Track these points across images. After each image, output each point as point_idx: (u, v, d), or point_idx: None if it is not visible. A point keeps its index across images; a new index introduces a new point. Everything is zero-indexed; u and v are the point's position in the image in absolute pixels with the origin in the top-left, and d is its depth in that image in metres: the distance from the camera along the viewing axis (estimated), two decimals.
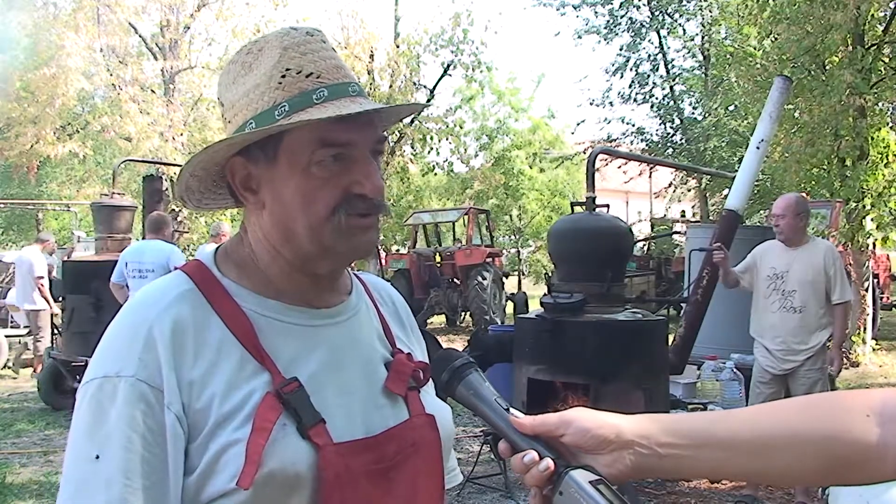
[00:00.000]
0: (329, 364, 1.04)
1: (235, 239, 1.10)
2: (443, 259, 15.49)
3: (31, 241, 14.57)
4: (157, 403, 0.93)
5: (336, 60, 1.03)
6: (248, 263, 1.06)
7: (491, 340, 6.03)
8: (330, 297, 1.10)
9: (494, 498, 5.18)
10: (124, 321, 0.99)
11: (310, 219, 1.00)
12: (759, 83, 10.94)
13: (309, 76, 1.00)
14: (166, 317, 0.97)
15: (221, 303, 1.01)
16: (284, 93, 0.99)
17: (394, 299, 1.25)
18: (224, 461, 0.92)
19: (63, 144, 14.96)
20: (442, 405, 1.16)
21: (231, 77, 1.05)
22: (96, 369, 0.96)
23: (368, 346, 1.11)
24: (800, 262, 4.84)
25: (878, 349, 10.91)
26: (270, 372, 0.98)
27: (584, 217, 5.59)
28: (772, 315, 4.90)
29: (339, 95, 1.00)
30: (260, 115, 1.00)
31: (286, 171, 1.00)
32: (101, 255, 8.32)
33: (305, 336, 1.04)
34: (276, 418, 0.94)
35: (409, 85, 17.15)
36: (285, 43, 1.01)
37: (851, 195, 9.60)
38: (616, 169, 19.16)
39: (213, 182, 1.09)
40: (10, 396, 9.11)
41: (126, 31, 15.15)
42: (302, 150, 0.99)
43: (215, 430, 0.93)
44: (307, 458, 0.94)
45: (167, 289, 1.02)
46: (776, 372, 4.87)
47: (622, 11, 19.09)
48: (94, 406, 0.93)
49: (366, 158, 1.02)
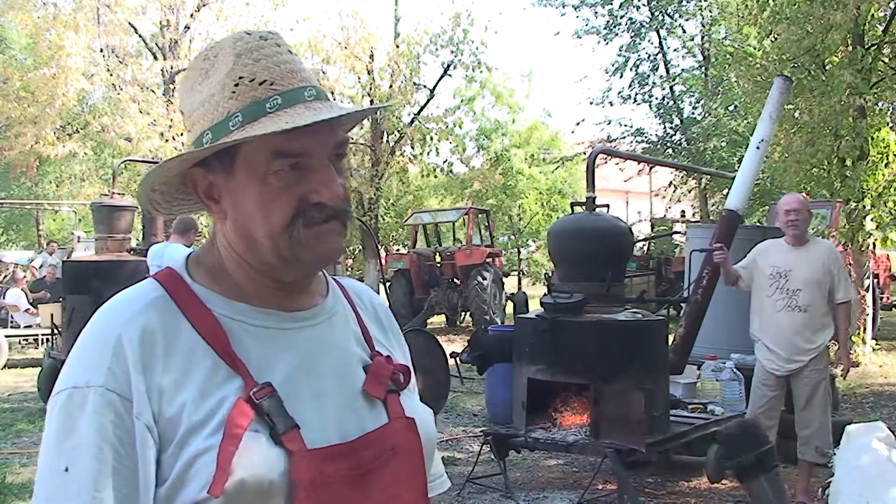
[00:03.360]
0: (303, 368, 1.02)
1: (207, 245, 1.09)
2: (443, 259, 15.48)
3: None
4: (127, 413, 0.91)
5: (291, 64, 1.00)
6: (218, 269, 1.05)
7: (491, 340, 6.02)
8: (302, 301, 1.07)
9: (494, 498, 5.17)
10: (93, 331, 0.98)
11: (268, 229, 0.98)
12: (759, 83, 10.93)
13: (262, 84, 0.98)
14: (135, 325, 0.96)
15: (192, 309, 1.00)
16: (238, 102, 0.97)
17: (373, 303, 1.22)
18: (195, 470, 0.90)
19: (63, 144, 14.95)
20: (423, 408, 1.12)
21: (189, 84, 1.03)
22: (66, 380, 0.95)
23: (344, 349, 1.09)
24: (804, 261, 4.83)
25: (878, 349, 10.91)
26: (243, 377, 0.96)
27: (584, 217, 5.59)
28: (776, 314, 4.88)
29: (294, 102, 0.98)
30: (215, 125, 0.98)
31: (244, 181, 0.99)
32: (101, 255, 8.32)
33: (278, 340, 1.02)
34: (248, 424, 0.92)
35: (409, 85, 17.14)
36: (238, 49, 0.99)
37: (851, 195, 9.60)
38: (616, 169, 19.16)
39: (177, 190, 1.08)
40: (10, 396, 9.11)
41: (126, 31, 15.14)
42: (257, 161, 0.97)
43: (187, 438, 0.92)
44: (279, 466, 0.92)
45: (137, 296, 1.01)
46: (781, 373, 4.86)
47: (622, 11, 19.09)
48: (63, 417, 0.92)
49: (323, 166, 0.99)
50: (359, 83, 17.46)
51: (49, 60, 14.06)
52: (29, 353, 12.65)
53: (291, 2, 20.16)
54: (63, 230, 27.73)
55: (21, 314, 13.31)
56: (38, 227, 26.88)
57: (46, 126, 14.66)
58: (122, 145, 14.84)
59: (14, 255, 20.79)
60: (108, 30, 14.47)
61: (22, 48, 22.79)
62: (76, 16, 14.43)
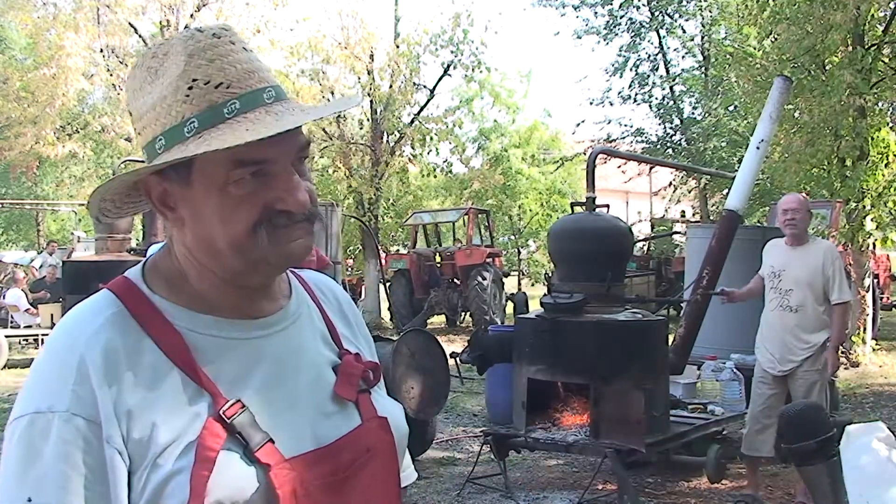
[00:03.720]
0: (272, 378, 0.98)
1: (163, 251, 1.03)
2: (443, 259, 15.48)
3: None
4: (95, 437, 0.87)
5: (248, 64, 0.95)
6: (176, 277, 1.00)
7: (491, 340, 6.02)
8: (266, 306, 1.03)
9: (494, 498, 5.17)
10: (51, 352, 0.93)
11: (231, 238, 0.93)
12: (759, 83, 10.93)
13: (218, 87, 0.92)
14: (96, 344, 0.91)
15: (153, 324, 0.95)
16: (192, 107, 0.92)
17: (337, 296, 1.19)
18: (169, 492, 0.87)
19: (63, 144, 14.95)
20: (394, 405, 1.10)
21: (137, 83, 0.97)
22: (26, 404, 0.90)
23: (313, 352, 1.05)
24: (798, 261, 4.84)
25: (878, 349, 10.91)
26: (211, 394, 0.92)
27: (584, 217, 5.60)
28: (769, 313, 4.91)
29: (253, 106, 0.93)
30: (168, 130, 0.93)
31: (202, 191, 0.93)
32: (101, 255, 8.33)
33: (245, 351, 0.98)
34: (220, 446, 0.89)
35: (409, 85, 17.14)
36: (190, 48, 0.93)
37: (851, 195, 9.59)
38: (616, 169, 19.17)
39: (127, 195, 1.02)
40: (10, 397, 9.10)
41: (126, 31, 15.13)
42: (216, 171, 0.92)
43: (157, 459, 0.88)
44: (256, 483, 0.90)
45: (93, 313, 0.95)
46: (776, 373, 4.86)
47: (622, 12, 19.09)
48: (24, 445, 0.87)
49: (287, 171, 0.95)
50: (359, 83, 17.46)
51: (49, 60, 14.06)
52: (29, 353, 12.65)
53: (291, 2, 20.14)
54: (63, 230, 27.74)
55: (21, 314, 13.30)
56: (38, 227, 26.89)
57: (46, 126, 14.66)
58: (122, 145, 14.85)
59: (14, 255, 20.82)
60: (108, 30, 14.46)
61: (22, 48, 22.81)
62: (76, 16, 14.43)
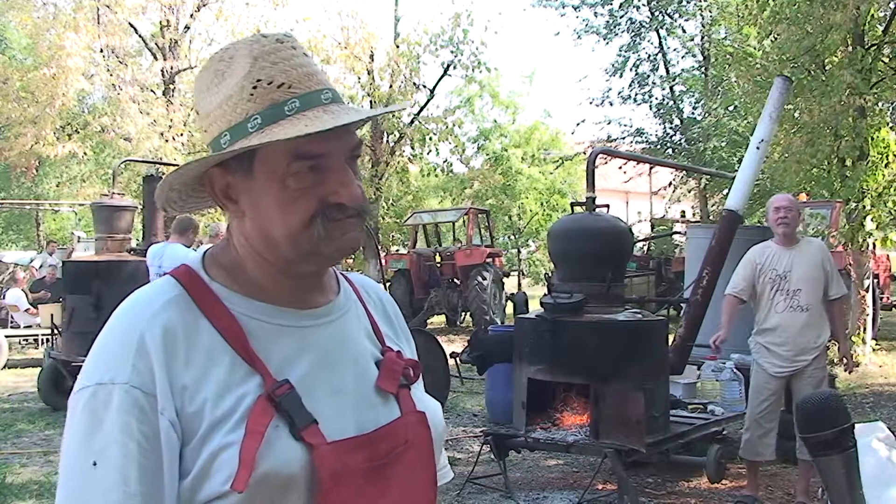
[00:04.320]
0: (320, 364, 1.04)
1: (222, 243, 1.10)
2: (443, 259, 15.48)
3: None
4: (151, 410, 0.93)
5: (308, 67, 1.02)
6: (235, 267, 1.07)
7: (491, 340, 6.02)
8: (318, 298, 1.10)
9: (494, 498, 5.17)
10: (115, 328, 1.00)
11: (288, 228, 1.00)
12: (759, 83, 10.93)
13: (280, 87, 0.99)
14: (157, 322, 0.98)
15: (211, 307, 1.02)
16: (256, 105, 0.99)
17: (381, 297, 1.25)
18: (218, 464, 0.93)
19: (63, 144, 14.94)
20: (432, 402, 1.16)
21: (205, 84, 1.04)
22: (89, 376, 0.97)
23: (358, 345, 1.12)
24: (801, 261, 4.84)
25: (878, 349, 10.91)
26: (262, 375, 0.98)
27: (584, 217, 5.59)
28: (777, 316, 4.87)
29: (311, 105, 1.00)
30: (234, 127, 1.00)
31: (263, 182, 1.01)
32: (101, 255, 8.33)
33: (295, 337, 1.04)
34: (269, 421, 0.95)
35: (409, 85, 17.15)
36: (255, 52, 1.01)
37: (851, 195, 9.59)
38: (616, 169, 19.16)
39: (192, 189, 1.10)
40: (10, 396, 9.10)
41: (126, 31, 15.14)
42: (277, 163, 0.99)
43: (209, 433, 0.94)
44: (300, 459, 0.96)
45: (156, 294, 1.03)
46: (784, 374, 4.86)
47: (622, 11, 19.09)
48: (88, 414, 0.94)
49: (342, 167, 1.02)
50: (359, 83, 17.47)
51: (49, 60, 14.04)
52: (29, 353, 12.64)
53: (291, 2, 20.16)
54: (63, 230, 27.73)
55: (21, 314, 13.31)
56: (38, 227, 26.88)
57: (46, 126, 14.64)
58: (122, 145, 14.83)
59: (14, 255, 20.80)
60: (108, 30, 14.45)
61: (22, 48, 22.80)
62: (76, 16, 14.42)
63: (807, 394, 0.85)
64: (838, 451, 0.89)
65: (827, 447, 0.90)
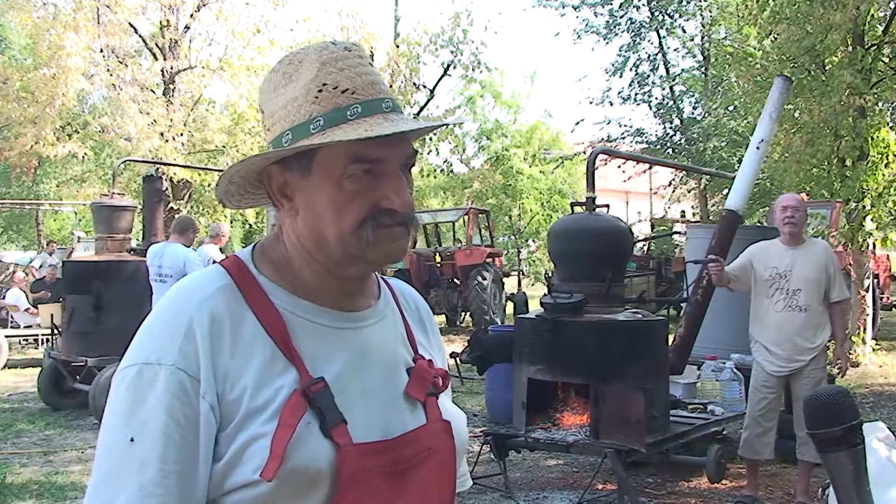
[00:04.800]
0: (354, 366, 1.07)
1: (272, 237, 1.14)
2: (443, 259, 15.47)
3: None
4: (194, 392, 0.97)
5: (372, 76, 1.06)
6: (283, 263, 1.10)
7: (491, 340, 6.02)
8: (359, 301, 1.13)
9: (494, 498, 5.17)
10: (164, 312, 1.03)
11: (340, 229, 1.03)
12: (759, 83, 10.93)
13: (344, 92, 1.03)
14: (205, 309, 1.01)
15: (256, 300, 1.05)
16: (320, 107, 1.03)
17: (418, 305, 1.28)
18: (250, 453, 0.96)
19: (63, 144, 14.92)
20: (458, 412, 1.19)
21: (272, 86, 1.08)
22: (135, 356, 1.00)
23: (392, 351, 1.14)
24: (802, 261, 4.84)
25: (878, 349, 10.91)
26: (298, 370, 1.01)
27: (584, 217, 5.59)
28: (776, 315, 4.88)
29: (373, 112, 1.03)
30: (296, 127, 1.04)
31: (319, 182, 1.04)
32: (101, 255, 8.33)
33: (333, 337, 1.07)
34: (302, 416, 0.98)
35: (409, 85, 17.14)
36: (324, 58, 1.05)
37: (851, 195, 9.59)
38: (616, 169, 19.16)
39: (250, 185, 1.14)
40: (10, 396, 9.10)
41: (126, 31, 15.12)
42: (335, 164, 1.03)
43: (244, 422, 0.97)
44: (328, 457, 0.98)
45: (206, 282, 1.06)
46: (782, 374, 4.85)
47: (622, 11, 19.09)
48: (132, 391, 0.97)
49: (396, 174, 1.05)
50: None
51: (49, 60, 14.03)
52: (29, 353, 12.64)
53: (291, 2, 20.15)
54: (63, 230, 27.74)
55: (21, 314, 13.31)
56: (38, 227, 26.89)
57: (46, 126, 14.63)
58: (122, 145, 14.82)
59: (14, 255, 20.80)
60: (108, 30, 14.43)
61: (22, 48, 22.80)
62: (76, 16, 14.40)
63: (815, 390, 0.85)
64: (846, 447, 0.89)
65: (835, 444, 0.90)
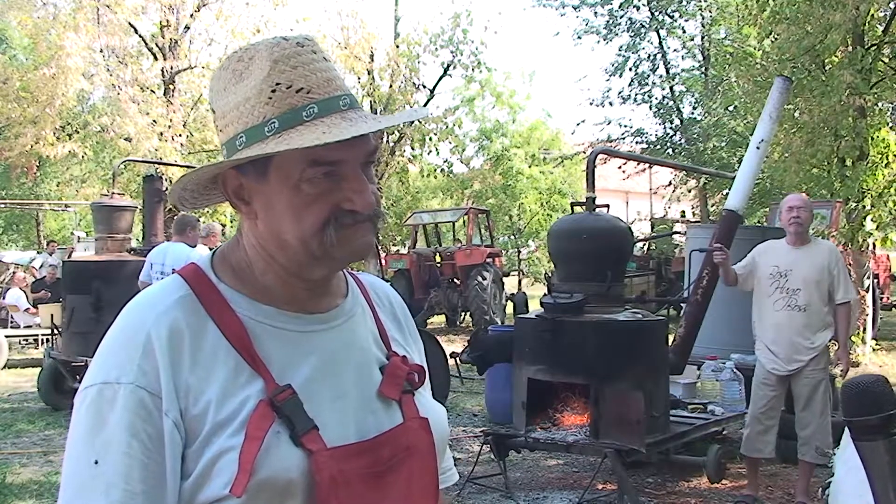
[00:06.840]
0: (323, 370, 1.04)
1: (232, 242, 1.10)
2: (443, 259, 15.47)
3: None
4: (156, 410, 0.94)
5: (327, 73, 1.01)
6: (243, 268, 1.06)
7: (491, 340, 6.03)
8: (325, 302, 1.10)
9: (494, 498, 5.17)
10: (121, 327, 1.00)
11: (301, 232, 1.00)
12: (758, 83, 10.93)
13: (299, 91, 0.98)
14: (163, 322, 0.98)
15: (217, 309, 1.01)
16: (274, 108, 0.98)
17: (391, 300, 1.24)
18: (218, 468, 0.93)
19: (63, 144, 14.93)
20: (437, 407, 1.16)
21: (222, 84, 1.04)
22: (95, 375, 0.97)
23: (363, 350, 1.11)
24: (804, 261, 4.83)
25: (878, 349, 10.91)
26: (264, 379, 0.98)
27: (584, 217, 5.59)
28: (776, 314, 4.87)
29: (329, 111, 0.99)
30: (250, 129, 0.99)
31: (277, 187, 1.00)
32: (101, 255, 8.33)
33: (300, 342, 1.04)
34: (269, 426, 0.95)
35: (408, 85, 17.15)
36: (275, 55, 0.99)
37: (851, 195, 9.60)
38: (616, 169, 19.17)
39: (205, 188, 1.10)
40: (11, 396, 9.10)
41: (126, 31, 15.12)
42: (292, 168, 0.99)
43: (210, 436, 0.95)
44: (300, 465, 0.95)
45: (163, 294, 1.02)
46: (782, 373, 4.85)
47: (622, 12, 19.09)
48: (93, 412, 0.95)
49: (357, 174, 1.01)
50: (358, 83, 17.46)
51: (49, 60, 14.04)
52: (29, 353, 12.63)
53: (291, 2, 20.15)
54: (63, 230, 27.73)
55: (21, 314, 13.31)
56: (38, 227, 26.89)
57: (46, 126, 14.64)
58: (122, 145, 14.82)
59: (14, 255, 20.79)
60: (108, 30, 14.44)
61: (22, 48, 22.80)
62: (76, 16, 14.40)
63: (854, 377, 0.85)
64: (884, 436, 0.89)
65: (873, 432, 0.90)
